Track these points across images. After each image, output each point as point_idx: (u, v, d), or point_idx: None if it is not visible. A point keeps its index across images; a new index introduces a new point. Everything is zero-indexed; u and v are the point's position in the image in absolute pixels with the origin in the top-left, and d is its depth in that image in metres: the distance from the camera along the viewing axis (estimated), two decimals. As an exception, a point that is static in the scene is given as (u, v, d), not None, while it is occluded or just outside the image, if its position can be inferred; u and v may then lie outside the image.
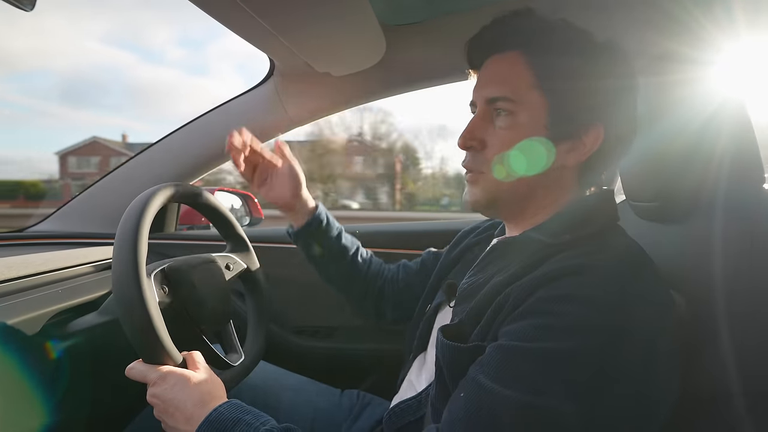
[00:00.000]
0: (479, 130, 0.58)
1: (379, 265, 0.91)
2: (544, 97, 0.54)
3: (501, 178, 0.56)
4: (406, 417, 0.64)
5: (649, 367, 0.45)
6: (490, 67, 0.58)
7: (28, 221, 1.21)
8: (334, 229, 0.86)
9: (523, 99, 0.55)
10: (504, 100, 0.55)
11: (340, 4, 0.74)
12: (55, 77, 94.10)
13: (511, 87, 0.55)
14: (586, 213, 0.56)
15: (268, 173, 0.81)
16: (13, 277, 0.72)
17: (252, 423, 0.53)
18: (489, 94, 0.57)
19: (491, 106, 0.57)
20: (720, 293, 0.51)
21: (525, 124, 0.55)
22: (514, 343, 0.46)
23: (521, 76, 0.55)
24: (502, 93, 0.56)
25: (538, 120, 0.55)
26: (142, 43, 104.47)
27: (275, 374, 0.90)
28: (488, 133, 0.57)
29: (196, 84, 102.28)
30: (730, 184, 0.57)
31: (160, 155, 1.19)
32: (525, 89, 0.55)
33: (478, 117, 0.58)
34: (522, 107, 0.55)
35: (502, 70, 0.57)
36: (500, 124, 0.56)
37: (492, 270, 0.60)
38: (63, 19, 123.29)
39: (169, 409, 0.55)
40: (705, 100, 0.58)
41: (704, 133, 0.58)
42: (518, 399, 0.43)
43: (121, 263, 0.56)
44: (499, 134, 0.56)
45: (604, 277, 0.48)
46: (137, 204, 0.61)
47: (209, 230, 1.34)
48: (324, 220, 0.84)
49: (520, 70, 0.55)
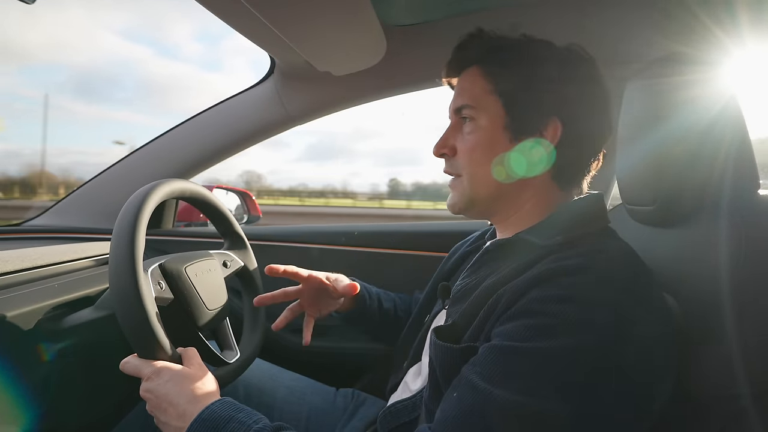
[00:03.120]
0: (450, 138, 0.65)
1: (408, 304, 0.95)
2: (499, 99, 0.61)
3: (474, 180, 0.62)
4: (401, 417, 0.64)
5: (641, 367, 0.46)
6: (458, 83, 0.66)
7: (27, 213, 1.21)
8: (375, 300, 0.89)
9: (482, 104, 0.61)
10: (466, 108, 0.62)
11: (343, 4, 0.75)
12: (69, 71, 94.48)
13: (471, 95, 0.63)
14: (576, 216, 0.59)
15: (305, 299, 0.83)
16: (9, 270, 0.72)
17: (245, 421, 0.53)
18: (455, 104, 0.64)
19: (458, 115, 0.64)
20: (715, 297, 0.51)
21: (486, 126, 0.61)
22: (507, 343, 0.47)
23: (479, 85, 0.62)
24: (464, 102, 0.63)
25: (496, 120, 0.61)
26: (159, 36, 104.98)
27: (270, 372, 0.90)
28: (458, 140, 0.64)
29: (208, 80, 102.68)
30: (726, 189, 0.57)
31: (160, 151, 1.18)
32: (483, 95, 0.62)
33: (450, 127, 0.66)
34: (482, 112, 0.61)
35: (464, 83, 0.65)
36: (466, 130, 0.63)
37: (485, 272, 0.62)
38: (82, 8, 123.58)
39: (162, 405, 0.55)
40: (704, 104, 0.58)
41: (703, 138, 0.58)
42: (510, 399, 0.44)
43: (118, 258, 0.56)
44: (466, 138, 0.62)
45: (596, 278, 0.48)
46: (135, 199, 0.61)
47: (207, 227, 1.34)
48: (366, 297, 0.88)
49: (477, 80, 0.63)
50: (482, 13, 0.97)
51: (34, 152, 54.98)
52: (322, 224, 1.35)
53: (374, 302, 0.89)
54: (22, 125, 76.67)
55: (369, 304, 0.88)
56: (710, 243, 0.55)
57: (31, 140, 75.87)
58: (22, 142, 74.21)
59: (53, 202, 1.21)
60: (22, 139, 78.03)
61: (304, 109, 1.14)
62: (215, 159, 1.19)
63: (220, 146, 1.17)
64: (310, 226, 1.33)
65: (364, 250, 1.22)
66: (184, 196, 0.74)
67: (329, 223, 1.35)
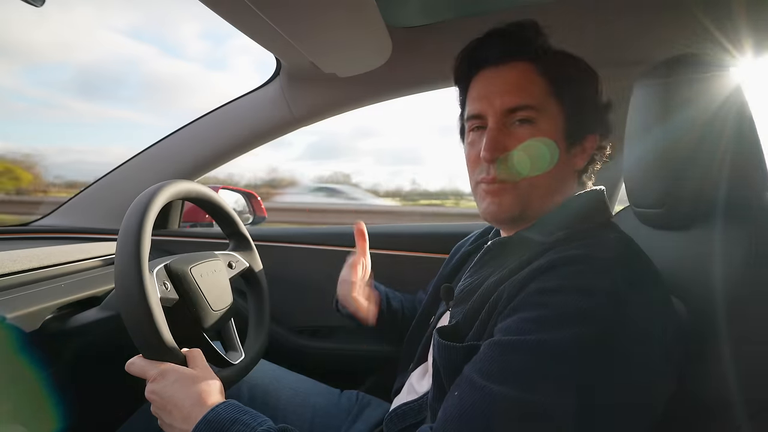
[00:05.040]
0: (504, 140, 0.57)
1: (413, 304, 0.95)
2: (561, 105, 0.57)
3: (535, 187, 0.58)
4: (407, 420, 0.64)
5: (642, 359, 0.45)
6: (499, 77, 0.58)
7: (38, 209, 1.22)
8: (384, 300, 0.90)
9: (544, 107, 0.56)
10: (525, 109, 0.56)
11: (348, 5, 0.75)
12: (73, 70, 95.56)
13: (531, 95, 0.56)
14: (578, 211, 0.58)
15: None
16: (17, 270, 0.73)
17: (249, 423, 0.53)
18: (509, 103, 0.57)
19: (510, 116, 0.57)
20: (722, 300, 0.51)
21: (547, 131, 0.56)
22: (507, 337, 0.46)
23: (538, 85, 0.56)
24: (523, 101, 0.56)
25: (557, 127, 0.57)
26: (165, 35, 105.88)
27: (275, 373, 0.90)
28: (511, 143, 0.57)
29: (213, 79, 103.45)
30: (734, 190, 0.57)
31: (166, 152, 1.19)
32: (544, 97, 0.56)
33: (497, 128, 0.57)
34: (543, 115, 0.56)
35: (516, 79, 0.57)
36: (524, 132, 0.56)
37: (487, 271, 0.61)
38: (90, 7, 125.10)
39: (167, 406, 0.55)
40: (712, 106, 0.57)
41: (711, 140, 0.57)
42: (511, 395, 0.43)
43: (124, 258, 0.56)
44: (528, 143, 0.56)
45: (596, 268, 0.47)
46: (141, 200, 0.61)
47: (213, 228, 1.34)
48: (384, 298, 0.89)
49: (535, 78, 0.57)
50: (488, 15, 0.97)
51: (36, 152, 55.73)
52: (327, 226, 1.36)
53: (383, 303, 0.90)
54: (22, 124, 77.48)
55: (382, 308, 0.89)
56: (719, 246, 0.55)
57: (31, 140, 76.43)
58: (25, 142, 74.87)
59: (64, 199, 1.22)
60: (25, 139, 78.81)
61: (310, 110, 1.14)
62: (221, 160, 1.19)
63: (225, 147, 1.18)
64: (315, 227, 1.33)
65: (371, 252, 1.22)
66: (190, 197, 0.74)
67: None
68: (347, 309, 0.85)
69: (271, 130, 1.17)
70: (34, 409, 0.64)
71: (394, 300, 0.92)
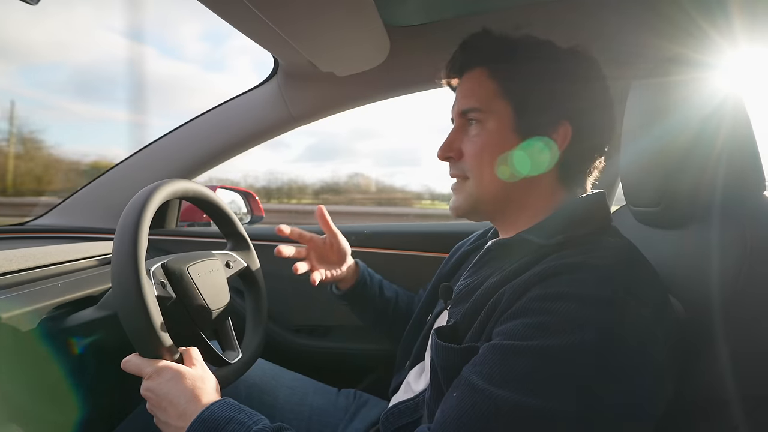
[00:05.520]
0: (456, 141, 0.64)
1: (410, 299, 0.96)
2: (508, 102, 0.60)
3: (481, 182, 0.61)
4: (404, 418, 0.64)
5: (643, 365, 0.45)
6: (462, 85, 0.65)
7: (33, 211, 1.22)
8: (376, 285, 0.92)
9: (490, 107, 0.60)
10: (473, 111, 0.61)
11: (346, 5, 0.75)
12: (70, 70, 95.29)
13: (478, 98, 0.61)
14: (578, 215, 0.58)
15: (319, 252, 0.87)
16: (13, 270, 0.72)
17: (245, 422, 0.53)
18: (461, 107, 0.63)
19: (464, 118, 0.63)
20: (719, 299, 0.51)
21: (494, 129, 0.60)
22: (507, 342, 0.46)
23: (486, 88, 0.61)
24: (471, 105, 0.61)
25: (505, 123, 0.60)
26: (163, 36, 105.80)
27: (272, 372, 0.90)
28: (464, 143, 0.63)
29: (212, 80, 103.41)
30: (730, 189, 0.57)
31: (163, 151, 1.19)
32: (490, 98, 0.61)
33: (454, 130, 0.65)
34: (490, 115, 0.60)
35: (470, 85, 0.63)
36: (473, 132, 0.62)
37: (487, 272, 0.61)
38: (87, 7, 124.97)
39: (162, 404, 0.55)
40: (709, 105, 0.58)
41: (708, 139, 0.58)
42: (510, 399, 0.43)
43: (121, 257, 0.56)
44: (474, 141, 0.61)
45: (597, 275, 0.48)
46: (138, 199, 0.61)
47: (210, 227, 1.34)
48: (367, 278, 0.90)
49: (484, 82, 0.61)
50: (486, 14, 0.97)
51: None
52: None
53: (375, 287, 0.91)
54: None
55: (369, 286, 0.90)
56: (716, 245, 0.55)
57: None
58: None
59: (58, 200, 1.22)
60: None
61: (308, 109, 1.14)
62: (218, 159, 1.19)
63: (223, 146, 1.18)
64: (312, 227, 1.33)
65: (369, 251, 1.22)
66: (187, 196, 0.74)
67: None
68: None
69: (269, 129, 1.16)
70: (31, 408, 0.64)
71: (388, 290, 0.93)
